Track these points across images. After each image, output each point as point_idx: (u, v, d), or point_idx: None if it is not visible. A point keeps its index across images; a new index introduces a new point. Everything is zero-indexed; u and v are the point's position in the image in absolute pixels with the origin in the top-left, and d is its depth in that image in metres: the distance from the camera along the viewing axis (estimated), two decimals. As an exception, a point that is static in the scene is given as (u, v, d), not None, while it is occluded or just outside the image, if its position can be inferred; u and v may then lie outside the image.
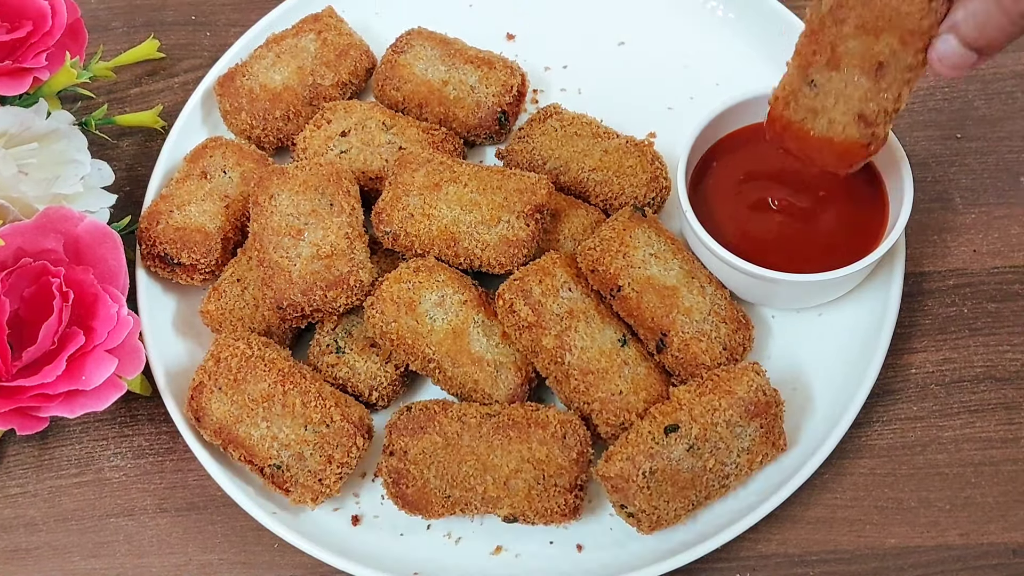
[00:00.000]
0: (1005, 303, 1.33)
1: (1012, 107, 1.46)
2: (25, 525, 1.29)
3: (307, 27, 1.47)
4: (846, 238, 1.25)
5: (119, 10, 1.67)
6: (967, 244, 1.37)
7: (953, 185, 1.41)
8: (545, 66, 1.52)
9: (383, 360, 1.26)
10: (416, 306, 1.21)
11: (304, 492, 1.19)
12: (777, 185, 1.28)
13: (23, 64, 1.32)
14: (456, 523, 1.22)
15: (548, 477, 1.15)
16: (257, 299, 1.29)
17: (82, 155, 1.35)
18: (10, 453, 1.33)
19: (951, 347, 1.31)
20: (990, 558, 1.19)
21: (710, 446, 1.13)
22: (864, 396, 1.22)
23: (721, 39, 1.52)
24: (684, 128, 1.30)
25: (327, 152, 1.37)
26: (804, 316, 1.31)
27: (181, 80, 1.60)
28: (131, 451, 1.32)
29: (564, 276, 1.22)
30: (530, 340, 1.19)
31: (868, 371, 1.24)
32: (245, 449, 1.19)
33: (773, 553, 1.21)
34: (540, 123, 1.38)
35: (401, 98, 1.44)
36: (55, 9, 1.35)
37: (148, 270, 1.36)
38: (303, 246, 1.25)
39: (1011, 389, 1.28)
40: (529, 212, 1.24)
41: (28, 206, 1.28)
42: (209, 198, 1.36)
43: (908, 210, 1.21)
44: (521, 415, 1.17)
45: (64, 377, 1.18)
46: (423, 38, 1.46)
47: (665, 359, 1.22)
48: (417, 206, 1.26)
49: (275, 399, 1.19)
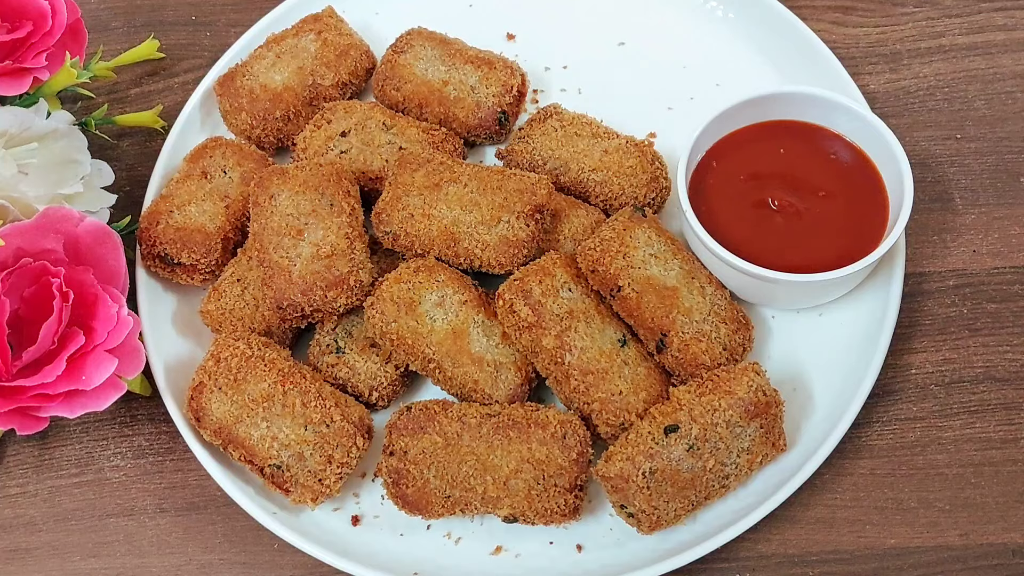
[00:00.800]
0: (1005, 303, 1.33)
1: (1012, 107, 1.46)
2: (25, 525, 1.29)
3: (307, 27, 1.47)
4: (846, 238, 1.25)
5: (119, 10, 1.67)
6: (967, 244, 1.37)
7: (953, 185, 1.41)
8: (545, 66, 1.52)
9: (383, 360, 1.26)
10: (416, 306, 1.21)
11: (304, 492, 1.19)
12: (777, 185, 1.28)
13: (23, 64, 1.32)
14: (456, 523, 1.22)
15: (548, 477, 1.15)
16: (257, 299, 1.29)
17: (82, 155, 1.35)
18: (10, 453, 1.33)
19: (951, 347, 1.31)
20: (990, 558, 1.19)
21: (710, 446, 1.13)
22: (864, 396, 1.22)
23: (721, 39, 1.52)
24: (684, 128, 1.30)
25: (327, 152, 1.37)
26: (804, 316, 1.31)
27: (181, 80, 1.60)
28: (131, 451, 1.32)
29: (564, 276, 1.22)
30: (530, 340, 1.19)
31: (868, 371, 1.23)
32: (245, 449, 1.19)
33: (773, 553, 1.21)
34: (540, 123, 1.38)
35: (401, 98, 1.44)
36: (55, 9, 1.35)
37: (148, 270, 1.36)
38: (303, 246, 1.25)
39: (1011, 389, 1.28)
40: (529, 212, 1.24)
41: (28, 206, 1.28)
42: (209, 198, 1.36)
43: (908, 210, 1.21)
44: (521, 415, 1.17)
45: (64, 377, 1.18)
46: (423, 38, 1.46)
47: (665, 359, 1.22)
48: (417, 206, 1.26)
49: (275, 399, 1.19)
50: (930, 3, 1.56)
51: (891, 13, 1.56)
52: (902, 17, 1.55)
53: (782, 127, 1.32)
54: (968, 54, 1.51)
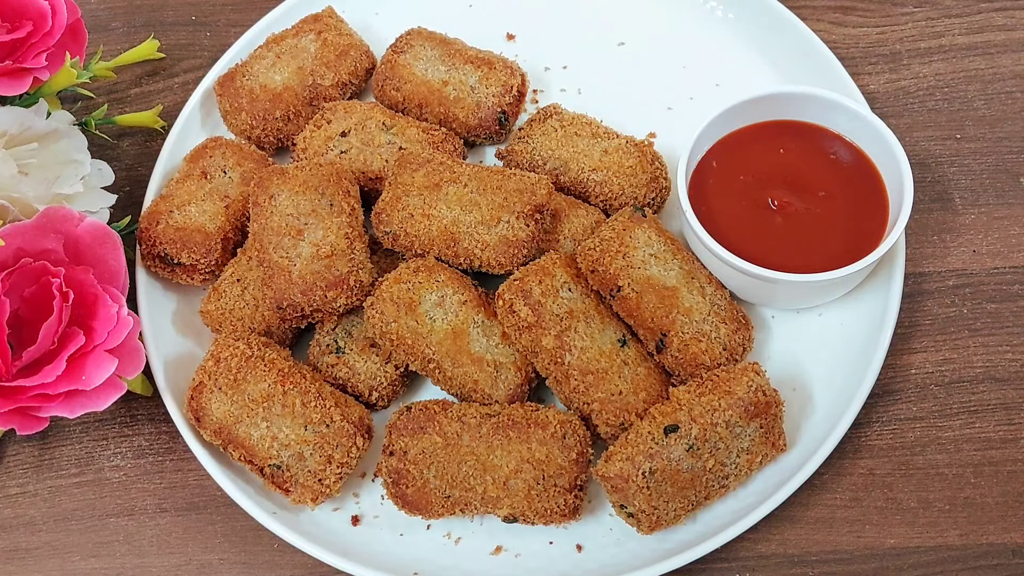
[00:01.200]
0: (1005, 303, 1.33)
1: (1012, 107, 1.46)
2: (25, 525, 1.29)
3: (307, 27, 1.47)
4: (846, 238, 1.25)
5: (119, 10, 1.67)
6: (967, 244, 1.37)
7: (953, 185, 1.41)
8: (545, 66, 1.52)
9: (383, 360, 1.26)
10: (416, 306, 1.21)
11: (304, 492, 1.19)
12: (777, 185, 1.28)
13: (23, 64, 1.32)
14: (456, 523, 1.22)
15: (548, 477, 1.15)
16: (257, 299, 1.29)
17: (82, 155, 1.35)
18: (10, 453, 1.33)
19: (951, 347, 1.31)
20: (990, 558, 1.19)
21: (710, 446, 1.13)
22: (864, 396, 1.22)
23: (721, 39, 1.52)
24: (684, 128, 1.30)
25: (327, 152, 1.37)
26: (804, 316, 1.31)
27: (181, 80, 1.60)
28: (131, 451, 1.32)
29: (564, 276, 1.22)
30: (530, 340, 1.19)
31: (868, 371, 1.23)
32: (245, 449, 1.19)
33: (773, 553, 1.21)
34: (540, 123, 1.38)
35: (401, 98, 1.44)
36: (55, 9, 1.35)
37: (148, 270, 1.36)
38: (303, 246, 1.25)
39: (1011, 389, 1.28)
40: (529, 212, 1.24)
41: (28, 206, 1.28)
42: (209, 198, 1.36)
43: (908, 210, 1.21)
44: (521, 415, 1.17)
45: (64, 377, 1.18)
46: (423, 38, 1.46)
47: (665, 359, 1.22)
48: (417, 206, 1.26)
49: (275, 399, 1.19)
50: (930, 3, 1.56)
51: (891, 13, 1.56)
52: (902, 17, 1.55)
53: (782, 127, 1.32)
54: (968, 54, 1.51)
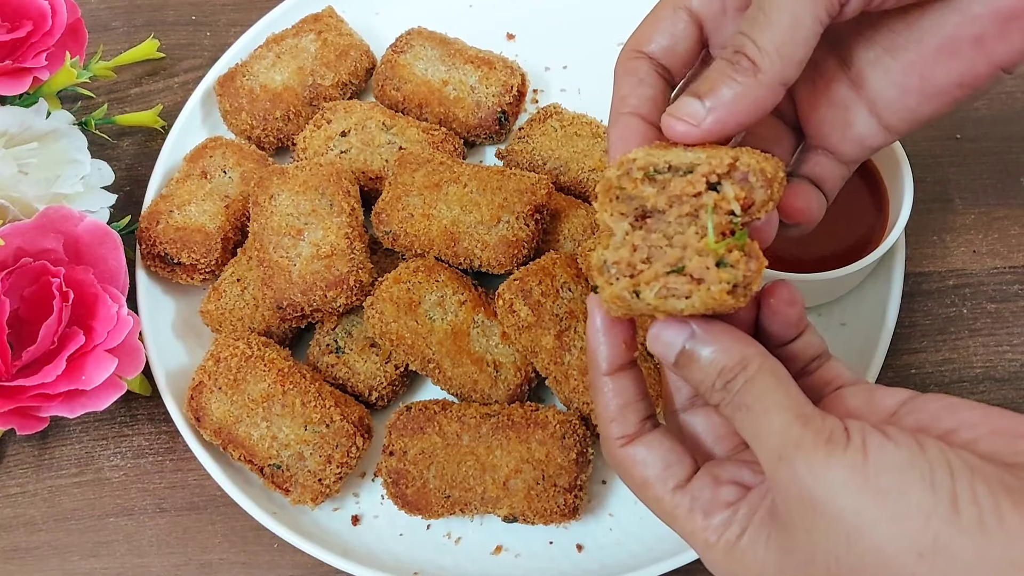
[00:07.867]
0: (1005, 303, 1.33)
1: (1012, 107, 1.46)
2: (25, 525, 1.29)
3: (307, 27, 1.47)
4: (846, 238, 1.25)
5: (119, 10, 1.67)
6: (967, 244, 1.37)
7: (953, 185, 1.41)
8: (545, 66, 1.52)
9: (383, 360, 1.26)
10: (416, 306, 1.21)
11: (304, 492, 1.19)
12: (777, 185, 1.28)
13: (23, 64, 1.32)
14: (456, 523, 1.22)
15: (548, 477, 1.15)
16: (257, 299, 1.29)
17: (82, 155, 1.35)
18: (10, 453, 1.33)
19: (951, 347, 1.30)
20: (990, 558, 1.19)
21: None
22: (864, 396, 1.22)
23: (721, 39, 1.52)
24: (684, 128, 1.30)
25: (327, 152, 1.37)
26: (804, 316, 1.31)
27: (181, 80, 1.60)
28: (131, 451, 1.32)
29: (564, 276, 1.22)
30: (530, 340, 1.19)
31: (868, 371, 1.23)
32: (245, 449, 1.19)
33: (773, 553, 1.21)
34: (540, 123, 1.38)
35: (401, 98, 1.44)
36: (55, 9, 1.35)
37: (148, 270, 1.36)
38: (303, 246, 1.25)
39: (1011, 389, 1.27)
40: (529, 212, 1.24)
41: (28, 206, 1.28)
42: (209, 198, 1.36)
43: (908, 210, 1.21)
44: (521, 415, 1.17)
45: (64, 377, 1.18)
46: (423, 38, 1.46)
47: (665, 359, 1.22)
48: (417, 206, 1.26)
49: (275, 399, 1.19)
50: (930, 3, 1.56)
51: (891, 13, 1.55)
52: (902, 17, 1.55)
53: (782, 127, 1.32)
54: (968, 54, 1.51)
